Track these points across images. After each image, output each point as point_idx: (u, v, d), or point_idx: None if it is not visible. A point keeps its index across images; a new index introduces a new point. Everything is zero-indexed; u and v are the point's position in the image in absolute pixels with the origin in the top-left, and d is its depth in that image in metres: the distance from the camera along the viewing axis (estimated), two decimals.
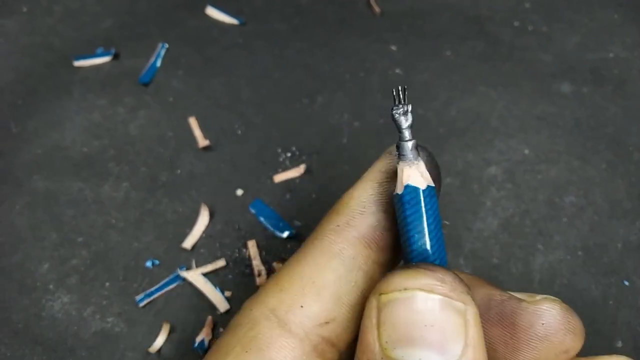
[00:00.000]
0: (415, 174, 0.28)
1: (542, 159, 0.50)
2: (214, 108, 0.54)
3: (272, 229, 0.47)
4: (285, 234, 0.47)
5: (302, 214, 0.48)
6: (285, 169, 0.50)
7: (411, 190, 0.28)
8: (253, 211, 0.48)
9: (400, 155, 0.29)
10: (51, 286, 0.45)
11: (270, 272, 0.45)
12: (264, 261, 0.46)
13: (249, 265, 0.46)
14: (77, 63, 0.57)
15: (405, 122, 0.29)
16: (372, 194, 0.30)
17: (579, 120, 0.52)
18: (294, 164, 0.50)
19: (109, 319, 0.44)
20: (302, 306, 0.28)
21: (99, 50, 0.58)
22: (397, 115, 0.29)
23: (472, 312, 0.24)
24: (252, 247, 0.46)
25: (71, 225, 0.48)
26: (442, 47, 0.58)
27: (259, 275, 0.45)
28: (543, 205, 0.48)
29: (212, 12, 0.60)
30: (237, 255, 0.46)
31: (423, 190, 0.28)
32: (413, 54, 0.57)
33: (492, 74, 0.55)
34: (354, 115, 0.53)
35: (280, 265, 0.45)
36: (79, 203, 0.49)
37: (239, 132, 0.53)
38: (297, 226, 0.47)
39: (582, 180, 0.49)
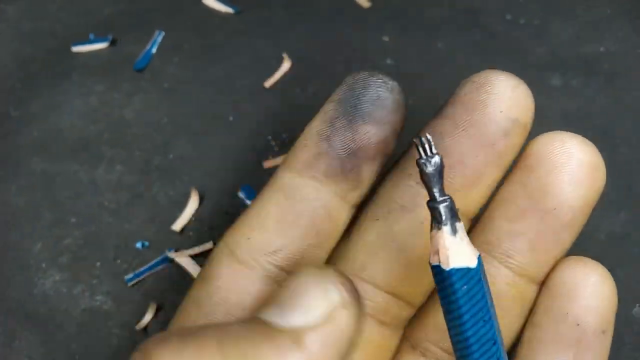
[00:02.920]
0: (462, 249, 0.24)
1: None
2: (207, 95, 0.55)
3: None
4: None
5: None
6: (275, 155, 0.51)
7: (464, 273, 0.24)
8: (242, 196, 0.49)
9: (436, 221, 0.24)
10: (44, 265, 0.46)
11: None
12: None
13: None
14: (75, 49, 0.58)
15: (438, 177, 0.24)
16: (315, 125, 0.31)
17: (568, 112, 0.53)
18: (284, 150, 0.51)
19: (98, 297, 0.45)
20: (249, 238, 0.30)
21: (91, 36, 0.59)
22: (429, 170, 0.24)
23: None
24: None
25: (66, 206, 0.49)
26: (435, 38, 0.58)
27: None
28: None
29: (209, 0, 0.61)
30: None
31: (476, 267, 0.24)
32: (405, 45, 0.58)
33: (484, 66, 0.55)
34: None
35: None
36: (74, 185, 0.50)
37: (231, 118, 0.54)
38: None
39: None
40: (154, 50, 0.58)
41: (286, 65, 0.56)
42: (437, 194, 0.25)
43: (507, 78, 0.29)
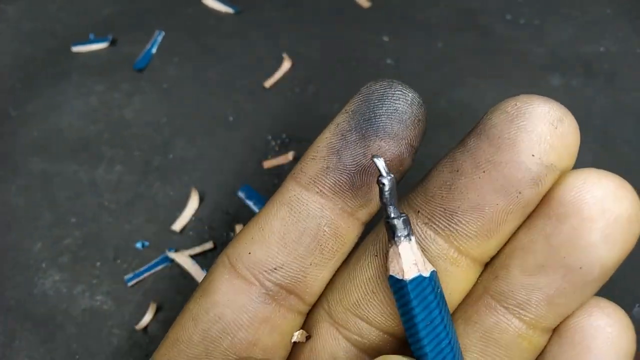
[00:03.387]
0: (417, 259, 0.25)
1: None
2: (207, 95, 0.55)
3: None
4: None
5: None
6: (274, 155, 0.51)
7: (419, 282, 0.25)
8: (242, 196, 0.49)
9: (394, 236, 0.25)
10: (43, 265, 0.46)
11: None
12: None
13: None
14: (75, 49, 0.58)
15: (394, 196, 0.25)
16: (326, 137, 0.27)
17: None
18: (283, 150, 0.51)
19: (98, 297, 0.45)
20: (249, 253, 0.28)
21: (91, 36, 0.59)
22: (388, 188, 0.25)
23: None
24: (239, 230, 0.47)
25: (65, 206, 0.49)
26: (434, 39, 0.58)
27: None
28: None
29: (208, 0, 0.61)
30: (225, 238, 0.47)
31: (429, 277, 0.25)
32: (405, 44, 0.58)
33: (483, 66, 0.56)
34: (344, 104, 0.54)
35: None
36: (73, 185, 0.50)
37: (231, 118, 0.54)
38: None
39: None
40: (153, 50, 0.58)
41: (286, 65, 0.56)
42: (393, 211, 0.25)
43: (548, 109, 0.24)
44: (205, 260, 0.46)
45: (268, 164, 0.51)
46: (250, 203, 0.48)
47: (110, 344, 0.43)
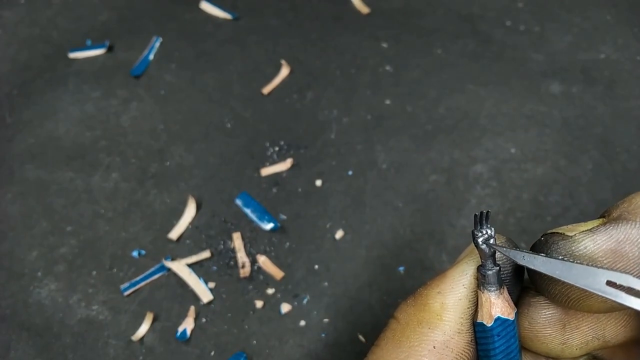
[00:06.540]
0: (503, 305, 0.27)
1: (529, 157, 0.50)
2: (204, 102, 0.55)
3: (257, 221, 0.48)
4: (270, 227, 0.47)
5: (287, 208, 0.48)
6: (272, 162, 0.51)
7: (502, 322, 0.27)
8: (239, 203, 0.48)
9: (484, 284, 0.27)
10: (39, 273, 0.46)
11: (253, 264, 0.46)
12: (249, 253, 0.46)
13: (234, 257, 0.46)
14: (72, 55, 0.58)
15: (489, 249, 0.27)
16: (468, 307, 0.27)
17: (568, 120, 0.52)
18: (282, 158, 0.51)
19: (94, 307, 0.44)
20: None
21: (88, 42, 0.59)
22: (480, 242, 0.27)
23: None
24: (237, 239, 0.47)
25: (61, 214, 0.49)
26: (433, 45, 0.58)
27: (243, 267, 0.46)
28: (527, 204, 0.48)
29: (207, 6, 0.61)
30: (222, 247, 0.47)
31: (513, 321, 0.27)
32: (404, 51, 0.57)
33: (482, 73, 0.56)
34: (343, 111, 0.54)
35: (263, 257, 0.46)
36: (69, 193, 0.50)
37: (229, 125, 0.53)
38: (282, 219, 0.48)
39: (568, 179, 0.49)
40: (151, 56, 0.58)
41: (285, 71, 0.56)
42: (489, 263, 0.27)
43: None
44: (202, 269, 0.46)
45: (266, 171, 0.50)
46: (247, 211, 0.48)
47: (107, 355, 0.42)
